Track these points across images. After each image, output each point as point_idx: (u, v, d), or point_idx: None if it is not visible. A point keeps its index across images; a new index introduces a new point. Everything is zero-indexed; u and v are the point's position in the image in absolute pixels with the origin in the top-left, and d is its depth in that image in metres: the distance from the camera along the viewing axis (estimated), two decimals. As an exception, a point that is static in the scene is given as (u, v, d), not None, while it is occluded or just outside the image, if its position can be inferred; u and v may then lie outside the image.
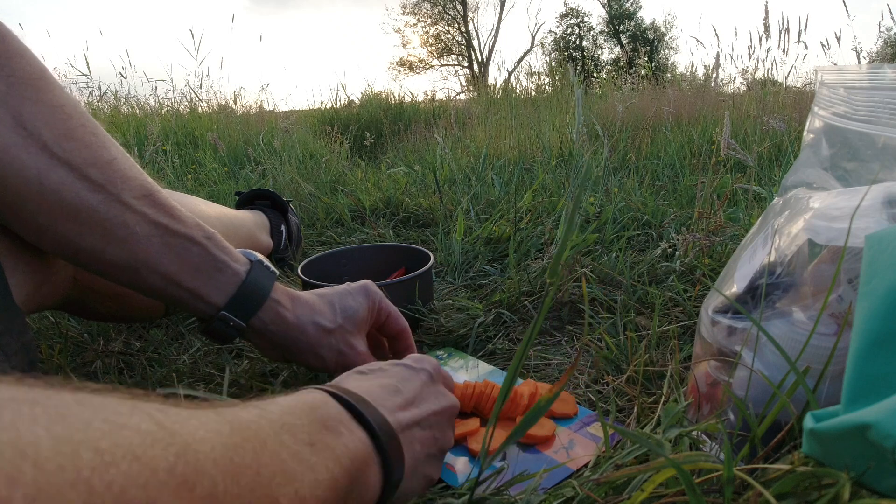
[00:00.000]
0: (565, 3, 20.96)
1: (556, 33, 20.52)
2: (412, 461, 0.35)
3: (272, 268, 0.50)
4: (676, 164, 1.69)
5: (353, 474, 0.29)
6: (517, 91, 3.69)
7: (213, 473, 0.19)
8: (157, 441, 0.18)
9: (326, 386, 0.34)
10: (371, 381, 0.37)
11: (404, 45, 21.45)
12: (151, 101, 3.42)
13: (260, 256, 0.50)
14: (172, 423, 0.20)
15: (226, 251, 0.47)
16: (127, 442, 0.17)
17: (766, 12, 2.09)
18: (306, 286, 0.69)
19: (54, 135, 0.39)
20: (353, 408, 0.32)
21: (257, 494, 0.22)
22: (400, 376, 0.39)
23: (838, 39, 2.38)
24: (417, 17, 20.79)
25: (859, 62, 2.67)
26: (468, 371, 0.61)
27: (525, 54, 18.47)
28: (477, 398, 0.50)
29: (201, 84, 3.34)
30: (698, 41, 4.34)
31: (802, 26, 2.28)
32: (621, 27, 19.47)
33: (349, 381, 0.37)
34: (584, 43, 20.20)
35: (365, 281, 0.55)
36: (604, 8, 19.62)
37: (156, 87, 3.90)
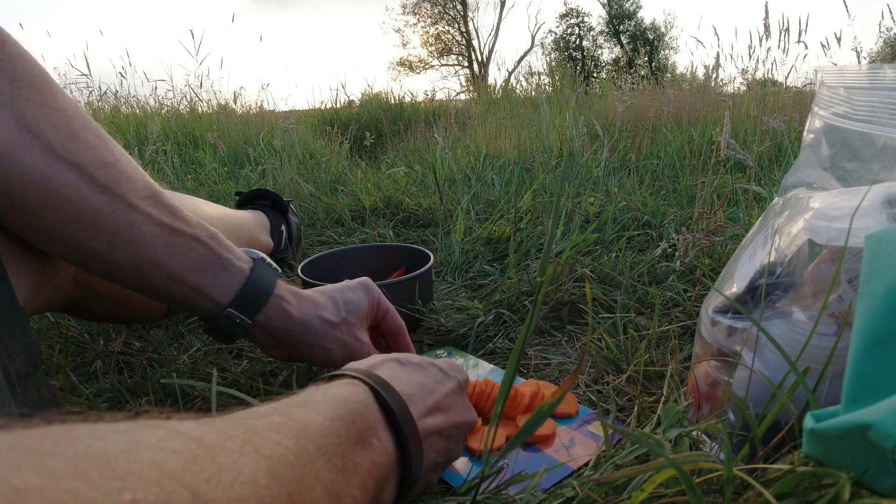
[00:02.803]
0: (565, 3, 20.94)
1: (556, 33, 20.54)
2: (425, 469, 0.35)
3: (274, 265, 0.51)
4: (676, 164, 1.68)
5: (373, 492, 0.29)
6: (517, 91, 3.69)
7: None
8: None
9: (367, 375, 0.34)
10: (410, 375, 0.37)
11: (404, 45, 21.47)
12: (151, 101, 3.42)
13: (262, 255, 0.51)
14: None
15: (229, 250, 0.48)
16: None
17: (766, 12, 2.09)
18: (306, 286, 0.69)
19: (59, 137, 0.39)
20: (389, 409, 0.32)
21: None
22: (435, 378, 0.38)
23: (838, 39, 2.38)
24: (417, 17, 20.80)
25: (859, 62, 2.67)
26: (468, 370, 0.61)
27: (525, 54, 18.48)
28: (478, 396, 0.51)
29: (201, 84, 3.34)
30: (698, 41, 4.33)
31: (802, 26, 2.28)
32: (621, 27, 19.48)
33: (386, 369, 0.37)
34: (584, 43, 20.21)
35: (363, 277, 0.56)
36: (604, 8, 19.64)
37: (156, 87, 3.89)
